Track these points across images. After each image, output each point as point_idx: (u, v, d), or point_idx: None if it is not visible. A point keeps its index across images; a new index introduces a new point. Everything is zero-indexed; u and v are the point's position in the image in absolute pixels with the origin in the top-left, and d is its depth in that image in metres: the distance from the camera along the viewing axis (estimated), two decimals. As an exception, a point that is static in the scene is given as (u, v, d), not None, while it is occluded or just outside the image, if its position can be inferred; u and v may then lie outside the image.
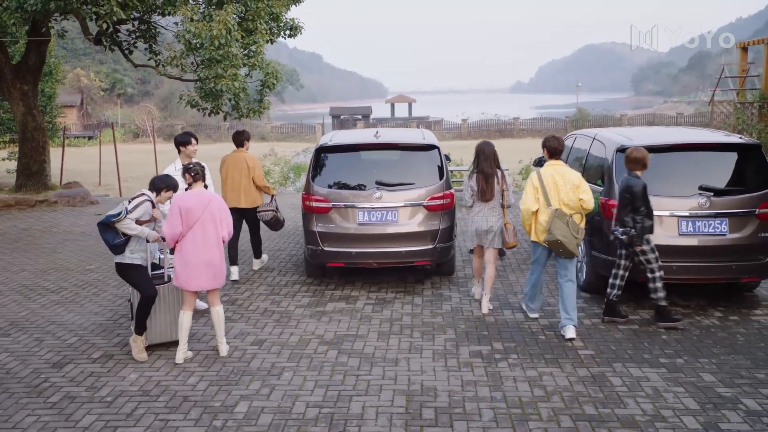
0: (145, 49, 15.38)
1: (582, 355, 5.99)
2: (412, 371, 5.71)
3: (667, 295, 6.63)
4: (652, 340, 6.30)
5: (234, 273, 8.59)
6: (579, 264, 8.00)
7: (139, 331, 6.10)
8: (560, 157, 6.70)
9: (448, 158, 9.07)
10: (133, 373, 5.78)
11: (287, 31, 14.76)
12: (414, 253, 7.89)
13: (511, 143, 38.69)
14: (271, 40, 14.22)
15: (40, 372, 5.84)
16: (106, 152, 23.95)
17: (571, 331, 6.37)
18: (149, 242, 6.11)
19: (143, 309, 6.03)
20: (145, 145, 43.21)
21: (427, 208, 7.87)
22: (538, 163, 9.97)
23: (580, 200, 6.42)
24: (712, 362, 5.77)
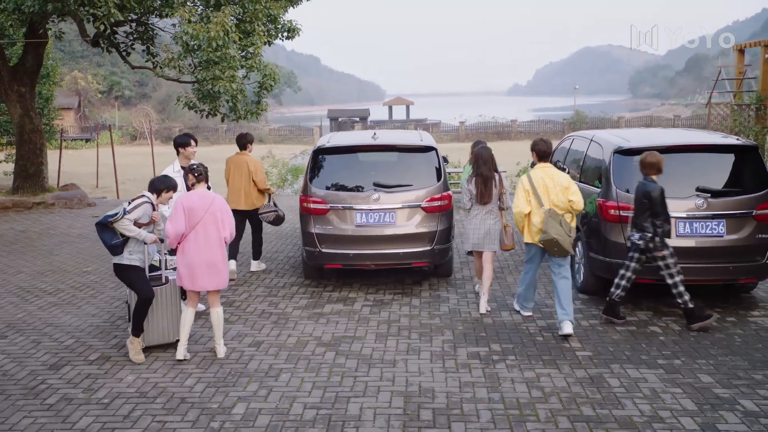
0: (143, 51, 15.37)
1: (580, 356, 5.99)
2: (409, 372, 5.71)
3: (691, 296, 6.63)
4: (650, 342, 6.30)
5: (231, 265, 8.67)
6: (576, 265, 8.02)
7: (136, 333, 6.09)
8: (549, 159, 6.83)
9: (446, 160, 9.07)
10: (131, 374, 5.77)
11: (285, 33, 14.78)
12: (412, 255, 7.89)
13: (509, 145, 38.70)
14: (269, 42, 14.22)
15: (36, 374, 5.83)
16: (104, 154, 23.94)
17: (568, 327, 6.43)
18: (146, 244, 6.10)
19: (140, 311, 6.02)
20: (143, 147, 43.19)
21: (425, 210, 7.88)
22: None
23: (570, 201, 6.53)
24: (710, 363, 5.77)
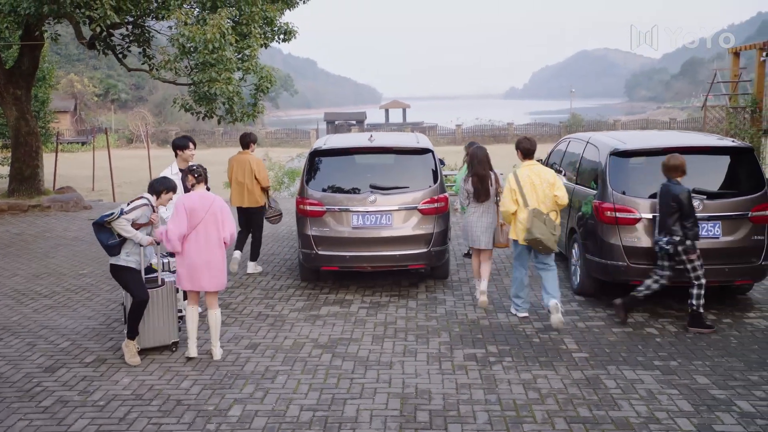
0: (139, 53, 15.36)
1: (576, 357, 6.00)
2: (406, 374, 5.70)
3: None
4: (646, 343, 6.31)
5: (236, 255, 8.95)
6: (573, 267, 8.03)
7: (131, 336, 6.07)
8: (533, 157, 7.01)
9: (442, 162, 9.09)
10: (126, 377, 5.75)
11: (281, 36, 14.80)
12: (408, 257, 7.88)
13: (506, 148, 38.60)
14: (265, 45, 14.25)
15: (32, 376, 5.80)
16: (100, 158, 23.92)
17: (554, 303, 6.66)
18: (143, 246, 6.09)
19: (134, 313, 6.00)
20: (139, 150, 43.13)
21: (422, 212, 7.88)
22: None
23: (555, 197, 6.73)
24: (706, 365, 5.78)
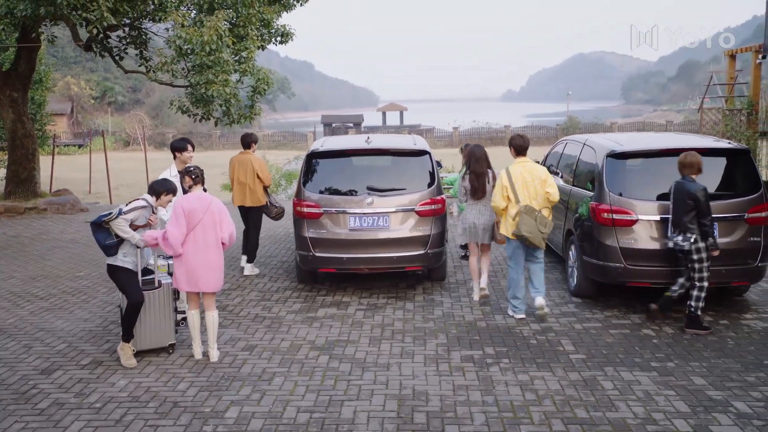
0: (136, 56, 15.34)
1: (573, 359, 6.00)
2: (403, 376, 5.70)
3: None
4: (643, 344, 6.31)
5: (247, 266, 9.28)
6: (570, 269, 8.03)
7: (126, 339, 6.06)
8: (526, 153, 7.12)
9: (439, 164, 9.09)
10: (123, 379, 5.73)
11: (278, 38, 14.80)
12: (405, 259, 7.88)
13: (503, 151, 38.70)
14: (262, 47, 14.24)
15: (28, 378, 5.78)
16: (97, 160, 23.87)
17: (540, 300, 6.92)
18: (140, 248, 6.07)
19: (129, 316, 5.99)
20: (136, 153, 43.13)
21: (419, 214, 7.87)
22: None
23: (547, 193, 6.86)
24: (703, 366, 5.78)
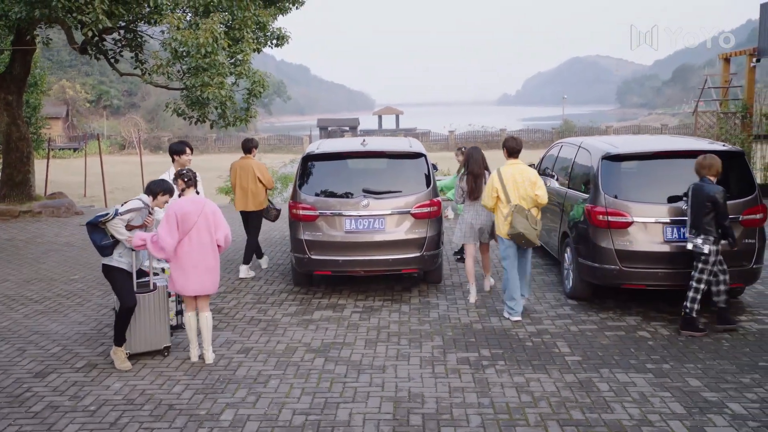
0: (131, 58, 15.33)
1: (569, 360, 6.00)
2: (399, 378, 5.69)
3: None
4: (639, 346, 6.32)
5: (264, 263, 9.64)
6: (565, 271, 8.04)
7: (119, 343, 6.04)
8: (518, 156, 7.27)
9: (435, 167, 9.10)
10: (117, 382, 5.71)
11: (274, 41, 14.82)
12: (401, 261, 7.88)
13: (498, 154, 38.75)
14: (258, 49, 14.24)
15: (22, 381, 5.76)
16: (92, 164, 23.84)
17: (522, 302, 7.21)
18: (135, 250, 6.06)
19: (121, 320, 5.97)
20: (131, 156, 43.07)
21: (415, 216, 7.88)
22: None
23: (535, 196, 6.98)
24: (698, 367, 5.79)
